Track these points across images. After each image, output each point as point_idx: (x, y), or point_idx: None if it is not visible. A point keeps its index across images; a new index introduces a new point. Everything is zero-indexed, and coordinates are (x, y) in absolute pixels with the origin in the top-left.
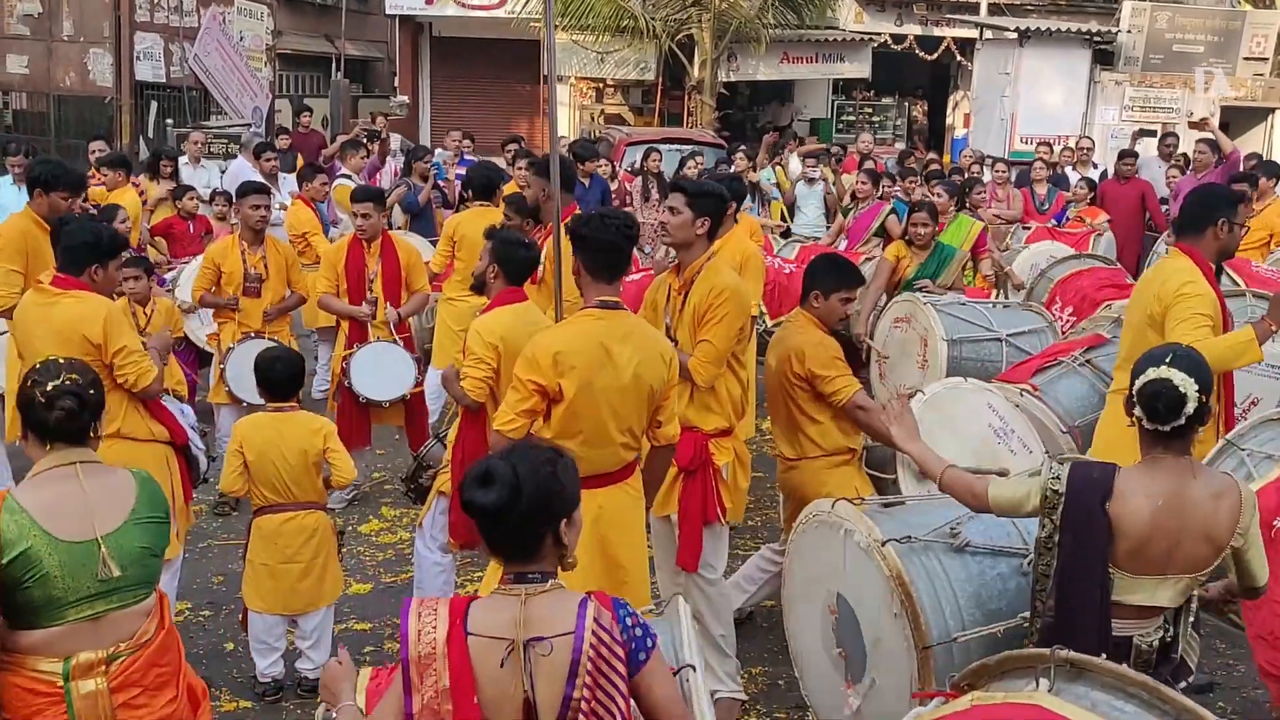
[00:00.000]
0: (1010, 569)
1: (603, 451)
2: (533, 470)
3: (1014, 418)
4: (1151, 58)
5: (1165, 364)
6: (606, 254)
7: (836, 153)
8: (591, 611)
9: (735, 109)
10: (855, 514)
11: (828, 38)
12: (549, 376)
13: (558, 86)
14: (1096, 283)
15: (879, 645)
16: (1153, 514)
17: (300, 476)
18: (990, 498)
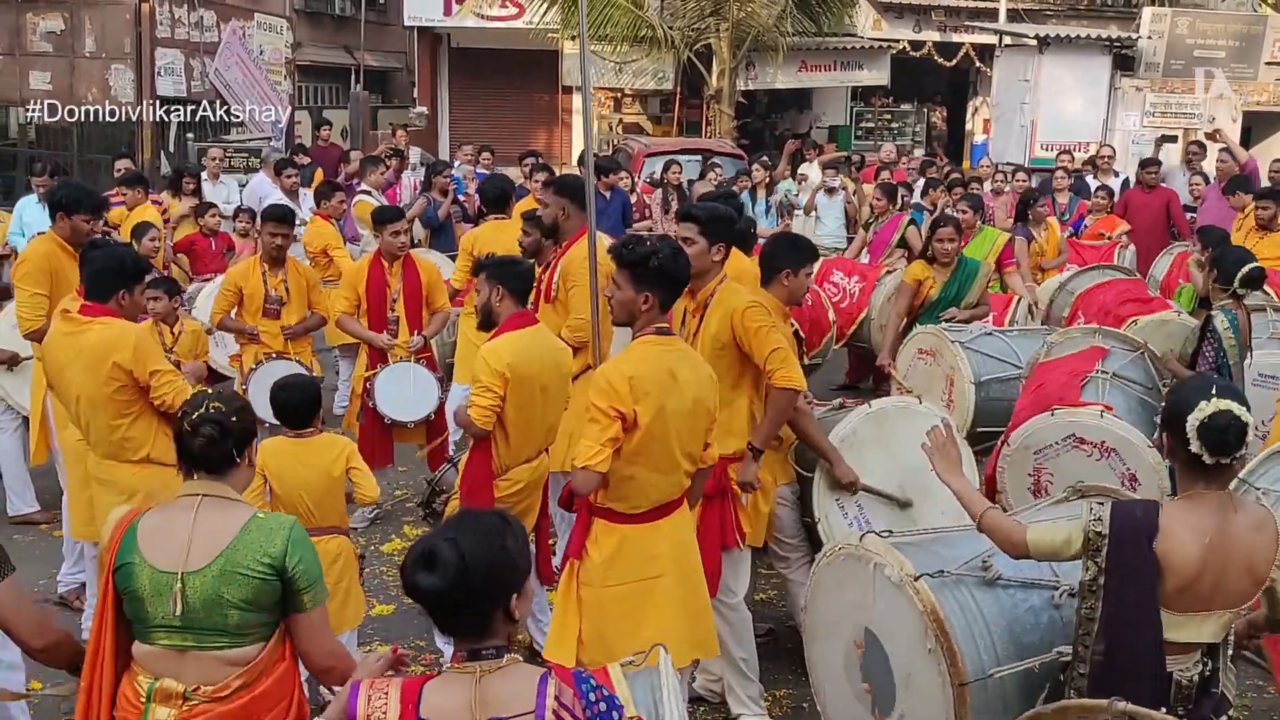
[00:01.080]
0: (1042, 601)
1: (669, 478)
2: (480, 545)
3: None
4: (1172, 63)
5: (1214, 396)
6: (676, 285)
7: (856, 161)
8: (552, 689)
9: (754, 118)
10: (885, 547)
11: (846, 45)
12: (627, 403)
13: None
14: (1119, 297)
15: (910, 681)
16: (1202, 551)
17: (323, 500)
18: (1030, 545)
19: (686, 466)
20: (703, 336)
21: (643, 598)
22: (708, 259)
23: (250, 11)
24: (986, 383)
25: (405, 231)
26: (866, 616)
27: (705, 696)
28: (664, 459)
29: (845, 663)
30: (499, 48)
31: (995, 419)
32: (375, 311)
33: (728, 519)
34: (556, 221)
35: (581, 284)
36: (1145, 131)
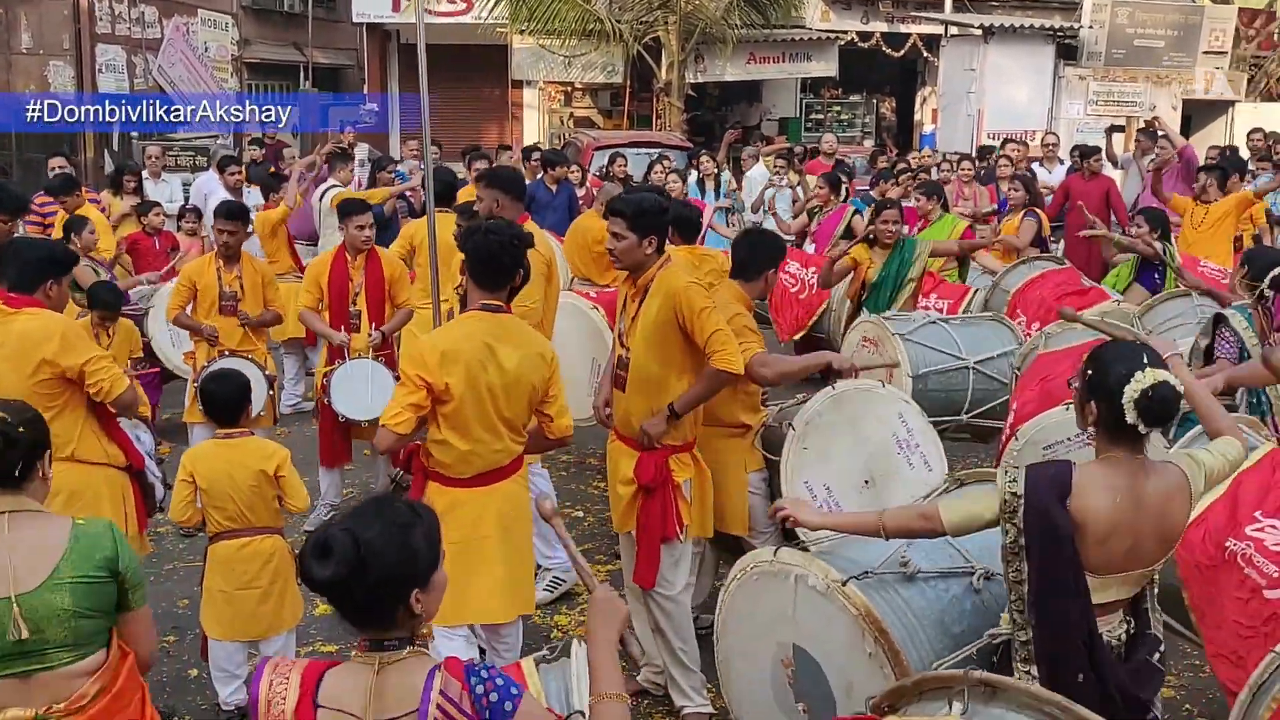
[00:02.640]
0: (962, 589)
1: (493, 446)
2: (381, 536)
3: (923, 433)
4: (1114, 52)
5: (1148, 366)
6: (485, 265)
7: (800, 153)
8: (438, 684)
9: (704, 110)
10: (805, 557)
11: (794, 37)
12: (435, 374)
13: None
14: (1055, 290)
15: (852, 690)
16: (1112, 510)
17: (255, 502)
18: (945, 520)
19: (512, 436)
20: (643, 319)
21: (470, 556)
22: (639, 252)
23: (194, 7)
24: (925, 374)
25: (370, 225)
26: (793, 633)
27: (649, 689)
28: (485, 428)
29: (774, 686)
30: (448, 43)
31: (932, 408)
32: (337, 306)
33: (669, 511)
34: (492, 213)
35: None
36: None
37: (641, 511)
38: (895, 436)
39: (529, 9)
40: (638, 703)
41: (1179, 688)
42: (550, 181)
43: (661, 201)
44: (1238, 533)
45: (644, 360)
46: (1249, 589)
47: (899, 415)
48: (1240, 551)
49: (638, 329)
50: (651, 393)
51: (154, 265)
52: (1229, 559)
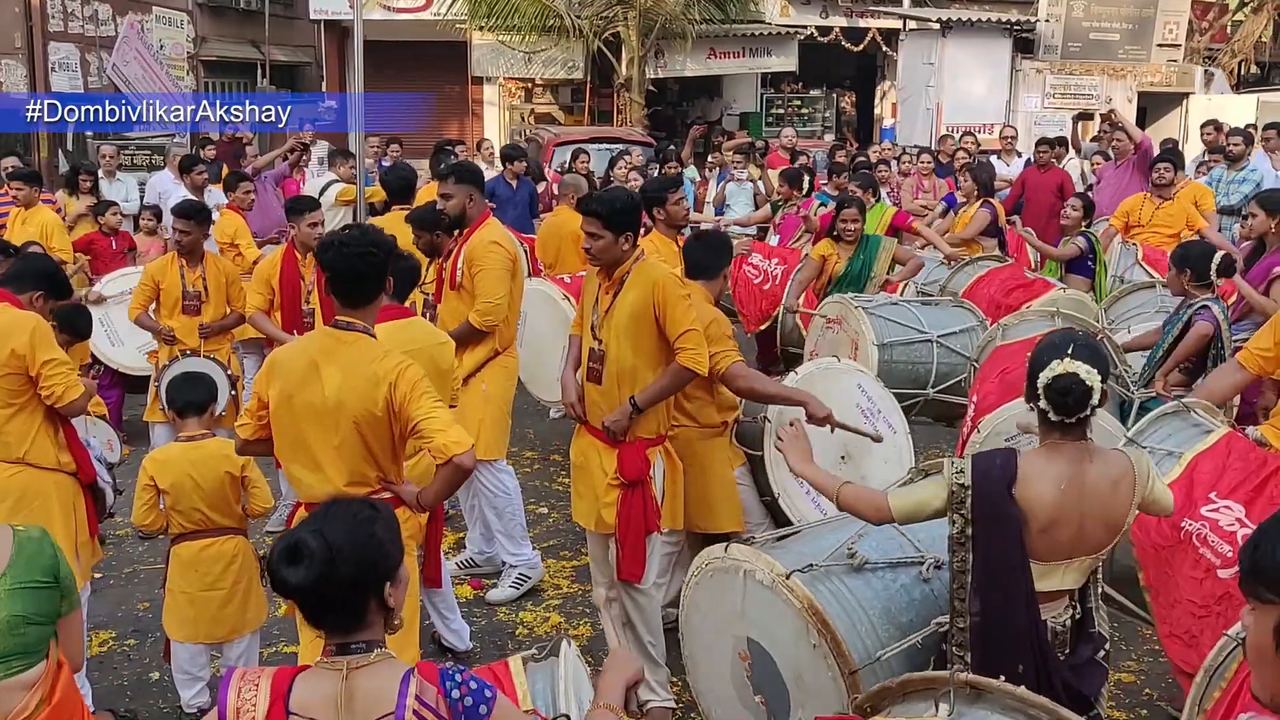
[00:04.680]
0: (911, 579)
1: (315, 476)
2: (348, 534)
3: (881, 398)
4: (1070, 45)
5: (1069, 356)
6: (340, 279)
7: (761, 147)
8: (413, 689)
9: (665, 105)
10: (752, 553)
11: (754, 32)
12: (263, 384)
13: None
14: (1002, 287)
15: (802, 682)
16: (1057, 496)
17: (219, 503)
18: (893, 507)
19: (338, 470)
20: (618, 311)
21: None
22: (616, 249)
23: (149, 4)
24: (890, 344)
25: (322, 222)
26: (746, 626)
27: None
28: (300, 452)
29: (734, 680)
30: (407, 39)
31: (898, 380)
32: (289, 306)
33: (649, 504)
34: (464, 210)
35: (487, 267)
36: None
37: (623, 506)
38: (860, 407)
39: (488, 5)
40: None
41: (1139, 672)
42: (510, 177)
43: (634, 197)
44: (1193, 513)
45: (620, 352)
46: (1203, 568)
47: (859, 386)
48: (1195, 531)
49: (613, 321)
50: (627, 385)
51: (111, 266)
52: (1184, 539)
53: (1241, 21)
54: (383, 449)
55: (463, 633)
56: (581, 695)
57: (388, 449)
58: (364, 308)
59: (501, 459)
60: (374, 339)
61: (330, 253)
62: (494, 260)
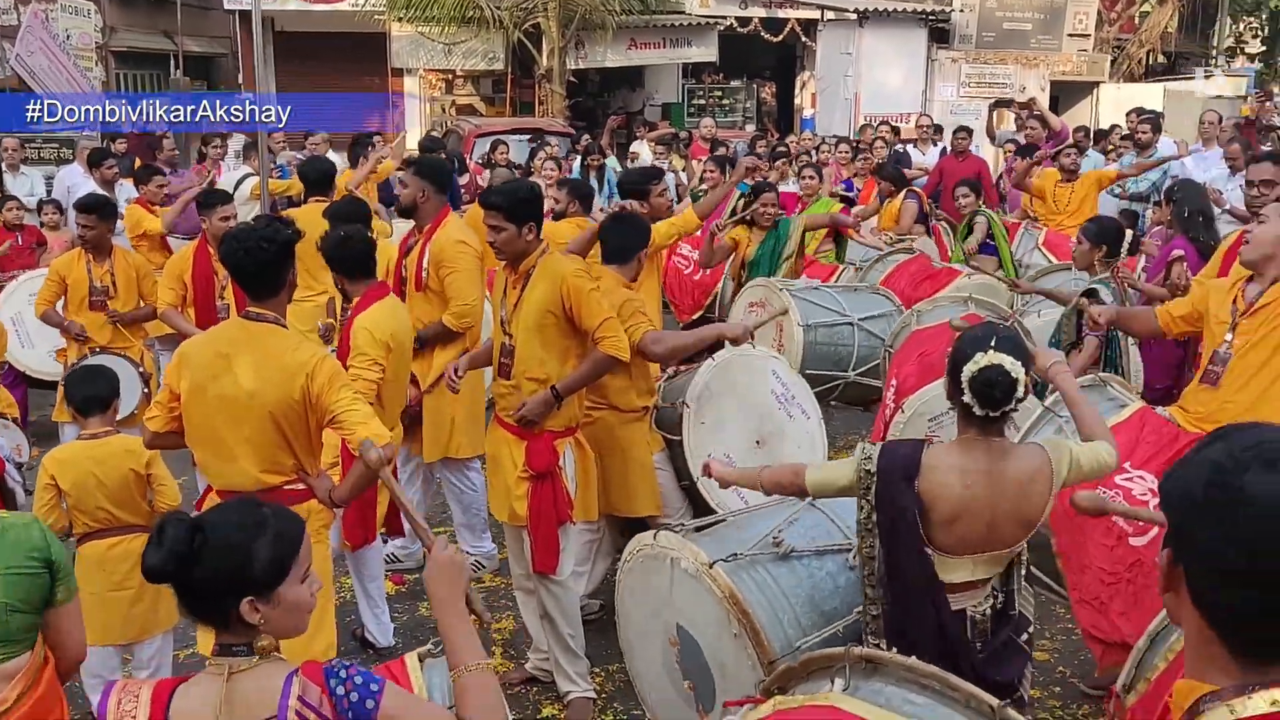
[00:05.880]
0: (837, 566)
1: (230, 468)
2: (221, 536)
3: (795, 384)
4: (984, 35)
5: (991, 349)
6: (238, 272)
7: (685, 138)
8: (296, 689)
9: (587, 96)
10: (678, 540)
11: (674, 23)
12: (174, 375)
13: (406, 79)
14: (911, 280)
15: (724, 669)
16: (960, 490)
17: (124, 501)
18: (809, 483)
19: (254, 460)
20: (525, 306)
21: None
22: (520, 241)
23: None
24: (814, 326)
25: (234, 215)
26: (675, 614)
27: (538, 676)
28: (213, 443)
29: (665, 665)
30: (325, 31)
31: (820, 362)
32: (203, 301)
33: (560, 495)
34: (415, 203)
35: (458, 268)
36: (962, 102)
37: (534, 498)
38: (774, 393)
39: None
40: (526, 690)
41: (1053, 651)
42: None
43: (535, 187)
44: (1108, 482)
45: (528, 347)
46: (1115, 535)
47: (773, 372)
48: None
49: (521, 315)
50: (538, 379)
51: (16, 262)
52: None
53: (1148, 13)
54: (299, 439)
55: (386, 628)
56: None
57: (304, 439)
58: (271, 299)
59: (476, 457)
60: (286, 329)
61: (225, 246)
62: (464, 260)
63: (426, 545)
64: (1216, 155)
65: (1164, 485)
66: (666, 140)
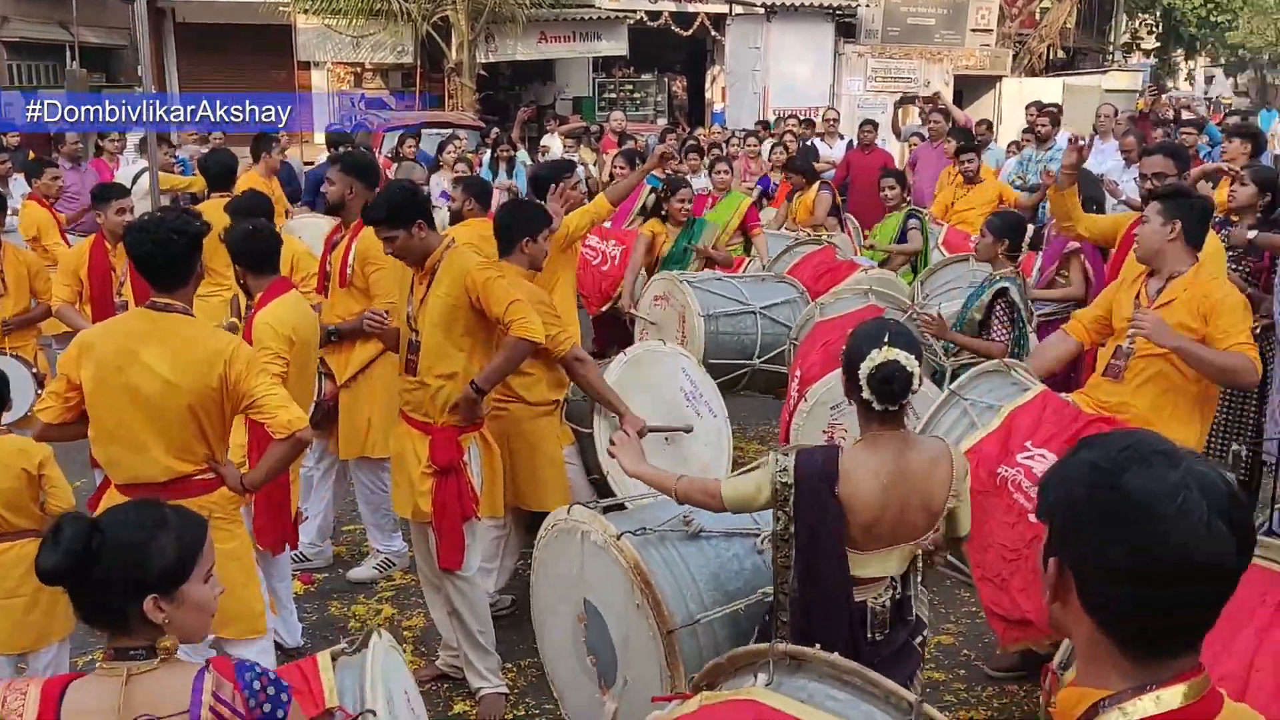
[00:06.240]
0: (745, 549)
1: (141, 459)
2: (121, 535)
3: (703, 383)
4: (889, 30)
5: (886, 344)
6: (143, 262)
7: (596, 131)
8: (209, 685)
9: (497, 90)
10: (590, 515)
11: (584, 16)
12: (72, 366)
13: (314, 72)
14: (814, 272)
15: (628, 642)
16: (879, 490)
17: (15, 504)
18: (724, 496)
19: (167, 450)
20: (432, 301)
21: None
22: (415, 242)
23: None
24: (715, 316)
25: (131, 209)
26: (584, 588)
27: (449, 673)
28: (122, 435)
29: (572, 640)
30: (228, 22)
31: (725, 351)
32: (100, 298)
33: (465, 491)
34: (343, 199)
35: (385, 265)
36: (869, 96)
37: (438, 494)
38: (683, 390)
39: None
40: (437, 687)
41: (957, 634)
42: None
43: (405, 184)
44: (1009, 460)
45: (435, 343)
46: (1016, 513)
47: (682, 370)
48: (1010, 478)
49: (427, 312)
50: (442, 376)
51: None
52: (999, 485)
53: (1048, 8)
54: (213, 427)
55: (295, 629)
56: (393, 688)
57: (217, 427)
58: (178, 290)
59: (389, 457)
60: (195, 318)
61: (130, 235)
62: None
63: None
64: (1112, 147)
65: (1043, 493)
66: (577, 134)
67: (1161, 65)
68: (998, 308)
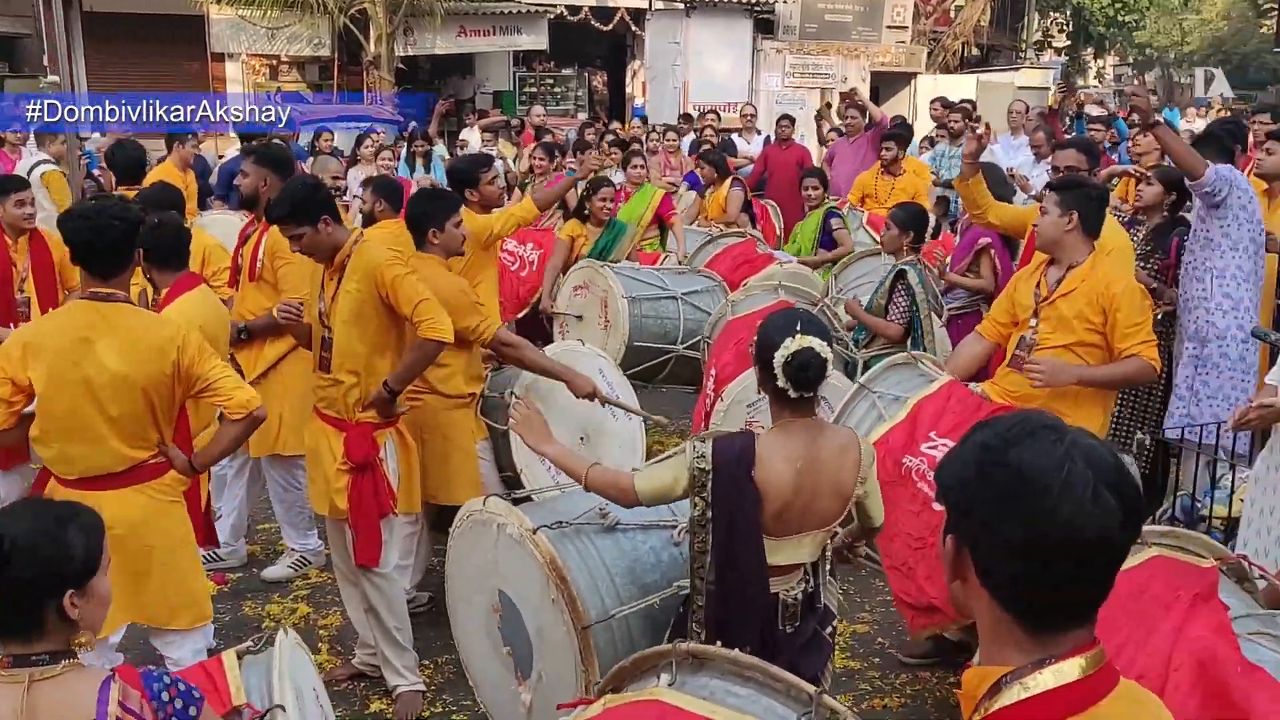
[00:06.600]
0: (661, 541)
1: (97, 450)
2: (30, 533)
3: (620, 385)
4: (807, 27)
5: (799, 333)
6: (83, 251)
7: (516, 126)
8: (115, 694)
9: (417, 83)
10: (506, 507)
11: (504, 10)
12: (16, 368)
13: (228, 64)
14: (732, 263)
15: (543, 635)
16: (793, 475)
17: None
18: (638, 490)
19: (122, 438)
20: (343, 298)
21: None
22: (323, 238)
23: None
24: (638, 299)
25: (31, 201)
26: (499, 580)
27: (365, 672)
28: (80, 429)
29: (487, 631)
30: (138, 11)
31: (649, 335)
32: (0, 295)
33: (381, 487)
34: (256, 192)
35: (294, 260)
36: (787, 92)
37: (354, 490)
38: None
39: None
40: (353, 685)
41: (872, 623)
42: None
43: (308, 180)
44: (914, 450)
45: (346, 340)
46: (920, 501)
47: (600, 371)
48: (915, 467)
49: (338, 308)
50: (355, 373)
51: None
52: (905, 475)
53: (962, 6)
54: (165, 413)
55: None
56: (301, 684)
57: (169, 412)
58: (117, 278)
59: (303, 455)
60: (137, 306)
61: (70, 223)
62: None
63: None
64: (1023, 142)
65: (939, 475)
66: (495, 128)
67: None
68: (897, 290)
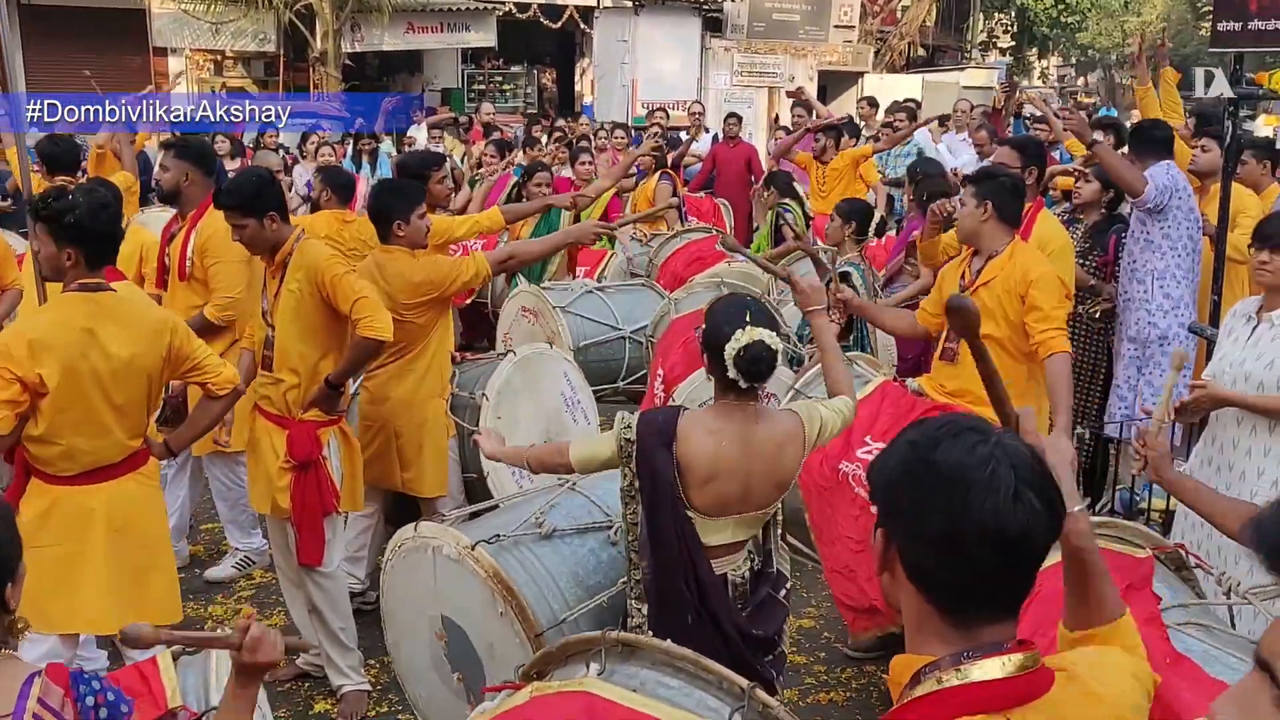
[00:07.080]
0: (599, 542)
1: (104, 442)
2: None
3: (581, 389)
4: (755, 25)
5: (749, 324)
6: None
7: (464, 123)
8: (36, 691)
9: (364, 80)
10: (439, 529)
11: (452, 6)
12: (25, 366)
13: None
14: (685, 260)
15: (494, 652)
16: (715, 451)
17: None
18: (574, 459)
19: (125, 427)
20: (284, 296)
21: (75, 560)
22: (267, 233)
23: None
24: (585, 347)
25: None
26: (440, 604)
27: (310, 672)
28: (88, 423)
29: (433, 661)
30: (78, 5)
31: (592, 378)
32: None
33: (324, 485)
34: (178, 188)
35: (224, 259)
36: (735, 90)
37: (297, 489)
38: (564, 395)
39: None
40: (297, 686)
41: (818, 618)
42: None
43: (262, 174)
44: (850, 456)
45: (287, 338)
46: (859, 506)
47: (564, 374)
48: (851, 473)
49: (280, 306)
50: (297, 371)
51: None
52: (842, 480)
53: (908, 6)
54: (155, 397)
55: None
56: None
57: (158, 397)
58: (105, 265)
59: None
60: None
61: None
62: (231, 250)
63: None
64: (968, 142)
65: (870, 473)
66: (443, 124)
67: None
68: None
